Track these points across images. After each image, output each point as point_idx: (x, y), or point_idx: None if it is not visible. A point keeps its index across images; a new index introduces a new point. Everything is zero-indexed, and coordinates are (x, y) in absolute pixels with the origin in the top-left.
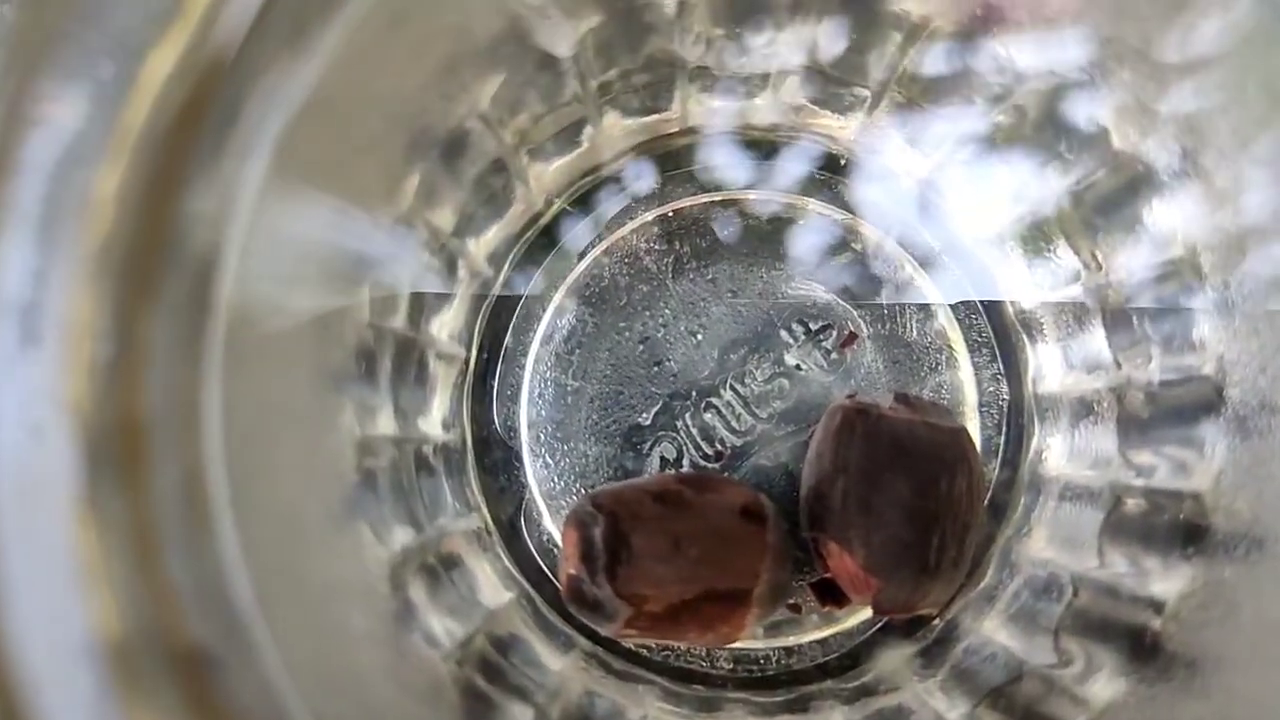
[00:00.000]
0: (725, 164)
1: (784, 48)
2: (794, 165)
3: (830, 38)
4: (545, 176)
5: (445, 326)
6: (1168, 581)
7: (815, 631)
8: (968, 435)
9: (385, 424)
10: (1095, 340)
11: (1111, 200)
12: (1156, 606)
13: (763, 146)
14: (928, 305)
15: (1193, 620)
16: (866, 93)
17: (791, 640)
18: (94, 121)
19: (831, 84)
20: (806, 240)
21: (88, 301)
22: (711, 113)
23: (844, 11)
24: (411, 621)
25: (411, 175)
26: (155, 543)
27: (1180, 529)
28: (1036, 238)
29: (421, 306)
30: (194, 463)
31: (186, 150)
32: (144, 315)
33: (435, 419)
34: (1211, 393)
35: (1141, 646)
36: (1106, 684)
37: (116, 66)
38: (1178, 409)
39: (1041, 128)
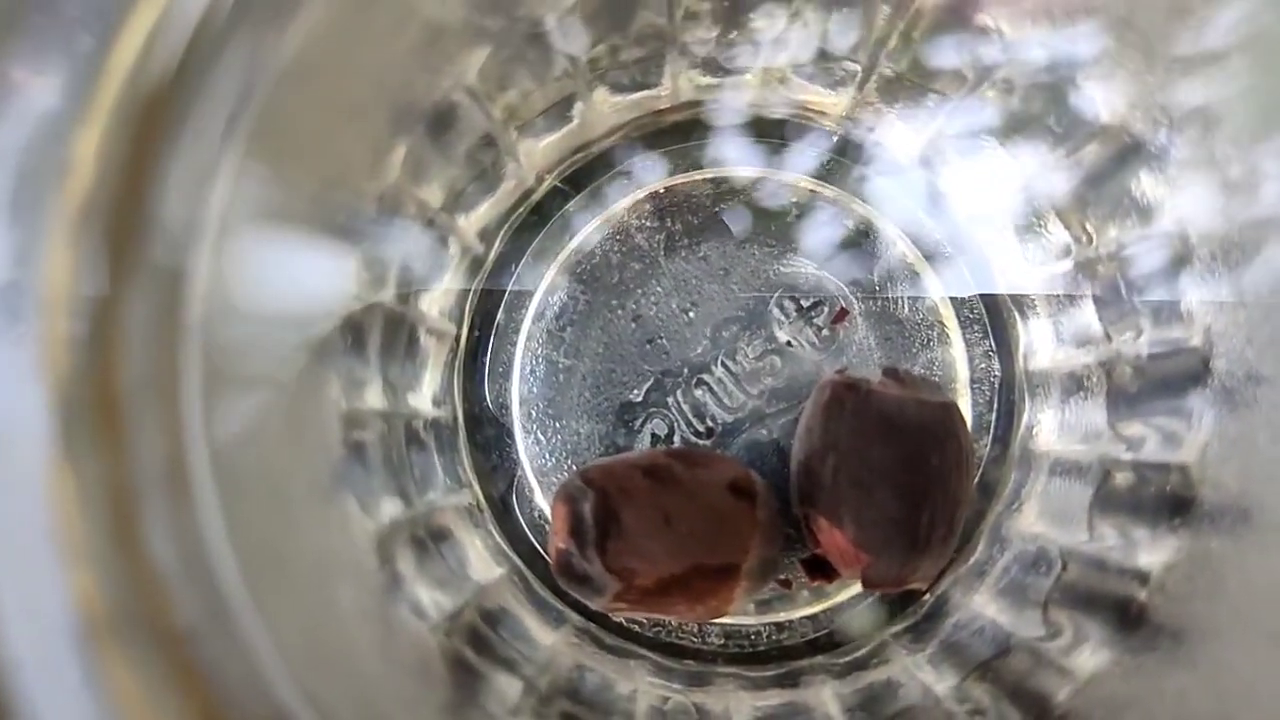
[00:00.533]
0: (717, 142)
1: (771, 20)
2: (786, 143)
3: (816, 12)
4: (536, 153)
5: (436, 303)
6: (1154, 553)
7: (806, 607)
8: (957, 410)
9: (374, 398)
10: (1085, 314)
11: (1100, 173)
12: (1142, 578)
13: (755, 124)
14: (919, 281)
15: (1178, 591)
16: (856, 67)
17: (782, 616)
18: (70, 95)
19: (821, 58)
20: (798, 217)
21: (66, 276)
22: (702, 90)
23: None
24: (399, 593)
25: (397, 148)
26: (136, 516)
27: (1167, 501)
28: (1028, 212)
29: (410, 281)
30: (174, 434)
31: (163, 121)
32: (122, 288)
33: (426, 395)
34: (1199, 364)
35: (1128, 618)
36: (1092, 655)
37: (94, 38)
38: (1165, 382)
39: (1030, 102)
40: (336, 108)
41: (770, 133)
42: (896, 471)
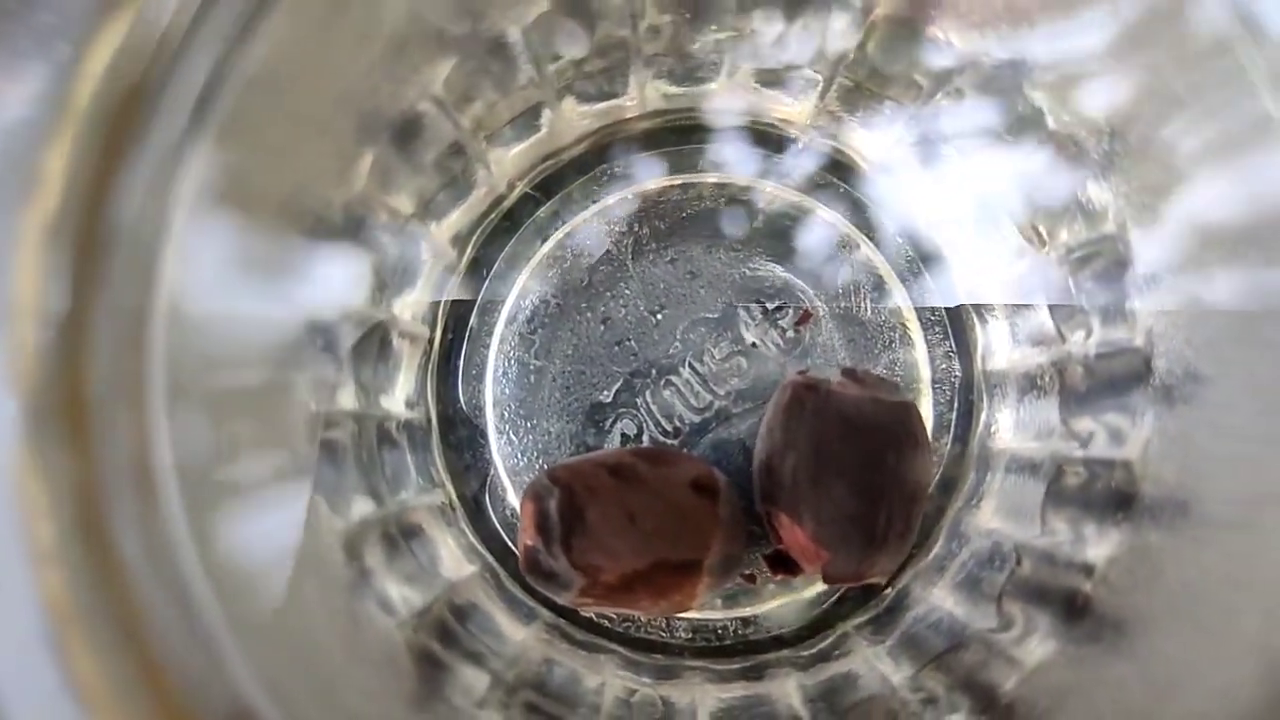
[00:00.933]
0: (683, 148)
1: (732, 33)
2: (751, 149)
3: (775, 24)
4: (506, 161)
5: (409, 307)
6: (1100, 547)
7: (772, 601)
8: (915, 409)
9: (346, 400)
10: (1040, 315)
11: (1048, 179)
12: (1088, 571)
13: (721, 132)
14: (882, 283)
15: (1120, 584)
16: (817, 77)
17: (749, 611)
18: (41, 105)
19: (783, 68)
20: (764, 222)
21: (35, 286)
22: (669, 98)
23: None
24: (367, 589)
25: (364, 157)
26: (103, 517)
27: (1113, 497)
28: (984, 217)
29: (383, 286)
30: (140, 437)
31: (129, 131)
32: (88, 298)
33: (399, 397)
34: (1141, 364)
35: (1074, 609)
36: (1039, 645)
37: (72, 48)
38: (1112, 381)
39: (982, 111)
40: (302, 117)
41: (736, 140)
42: (854, 469)
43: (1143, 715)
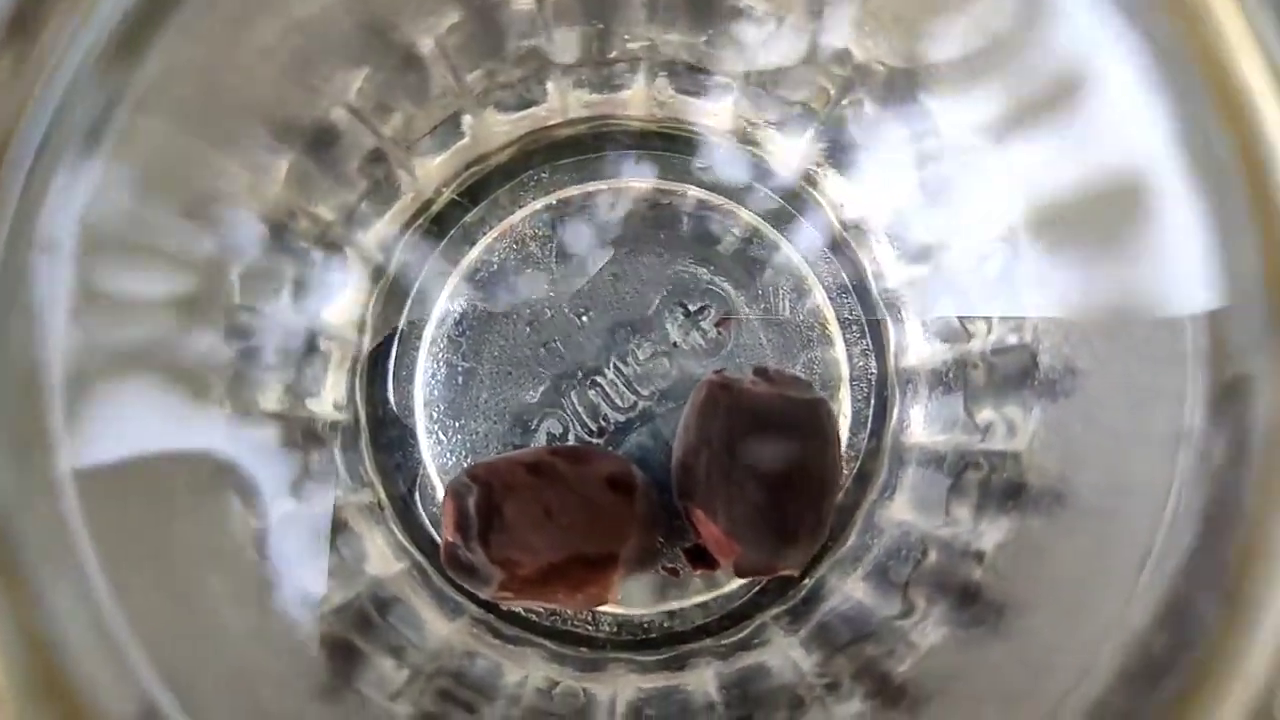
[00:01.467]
0: (609, 154)
1: (644, 44)
2: (673, 154)
3: (683, 33)
4: (431, 168)
5: (337, 312)
6: (991, 535)
7: (697, 595)
8: (826, 406)
9: (269, 403)
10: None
11: (944, 180)
12: (980, 558)
13: (644, 137)
14: (802, 285)
15: (1005, 570)
16: (730, 83)
17: (675, 604)
18: None
19: (694, 74)
20: (686, 225)
21: None
22: (589, 105)
23: (692, 9)
24: (281, 585)
25: (277, 166)
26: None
27: (1005, 487)
28: (896, 220)
29: (307, 292)
30: (42, 443)
31: (17, 153)
32: None
33: (327, 400)
34: (1029, 360)
35: (966, 595)
36: (933, 630)
37: None
38: (1006, 376)
39: (884, 118)
40: (207, 134)
41: (659, 145)
42: (764, 465)
43: (1017, 695)
